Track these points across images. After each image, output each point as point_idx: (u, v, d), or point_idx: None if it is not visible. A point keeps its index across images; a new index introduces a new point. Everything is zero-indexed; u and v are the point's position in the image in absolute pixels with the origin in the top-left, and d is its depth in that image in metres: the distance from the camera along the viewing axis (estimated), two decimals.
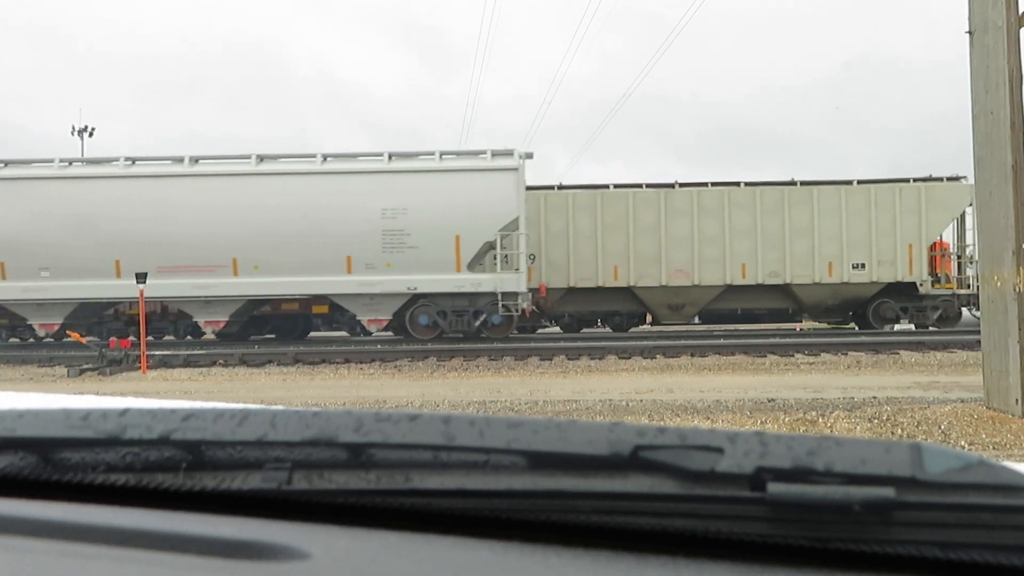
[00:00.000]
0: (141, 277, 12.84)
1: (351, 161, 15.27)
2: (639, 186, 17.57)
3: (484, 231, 14.85)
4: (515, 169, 14.90)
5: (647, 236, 17.18)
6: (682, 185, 17.49)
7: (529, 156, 15.81)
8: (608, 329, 19.43)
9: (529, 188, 17.40)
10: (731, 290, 17.45)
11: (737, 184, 17.45)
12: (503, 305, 14.98)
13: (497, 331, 15.55)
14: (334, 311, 16.43)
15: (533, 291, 16.35)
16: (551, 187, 17.78)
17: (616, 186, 17.63)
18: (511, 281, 14.87)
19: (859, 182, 17.44)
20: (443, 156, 15.27)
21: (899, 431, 6.30)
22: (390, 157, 15.16)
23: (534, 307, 16.63)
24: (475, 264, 15.12)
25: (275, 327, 17.59)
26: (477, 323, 15.33)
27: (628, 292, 17.51)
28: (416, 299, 15.31)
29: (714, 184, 17.53)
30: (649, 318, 20.05)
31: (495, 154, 15.17)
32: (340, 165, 15.15)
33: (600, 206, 17.24)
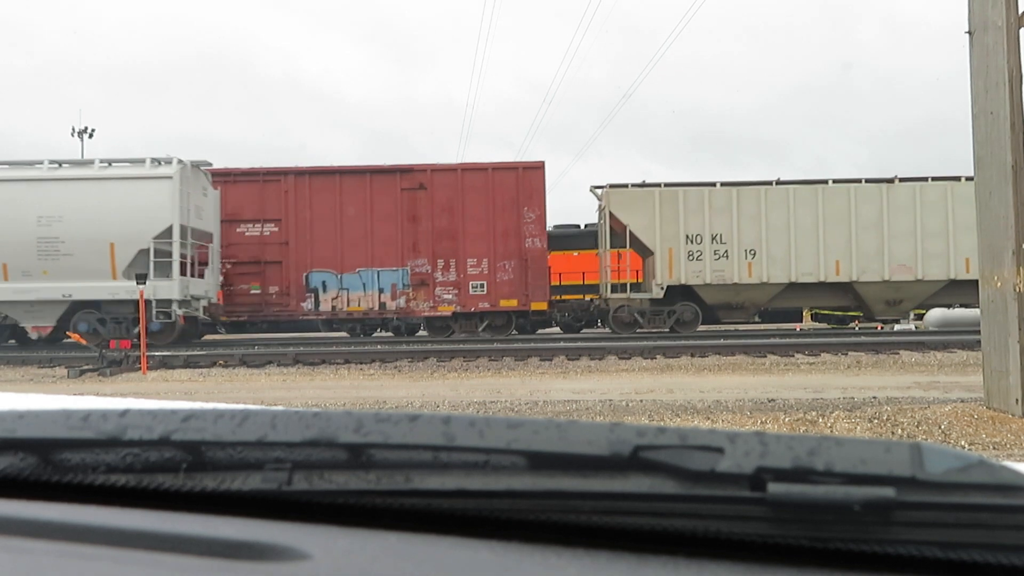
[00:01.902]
0: (141, 278, 12.86)
1: (12, 169, 15.46)
2: (858, 181, 17.69)
3: (138, 239, 14.98)
4: (170, 177, 14.99)
5: (869, 231, 17.29)
6: (902, 180, 17.64)
7: (208, 163, 16.09)
8: (607, 330, 19.42)
9: (747, 183, 17.66)
10: (952, 285, 17.54)
11: (958, 179, 17.51)
12: (159, 312, 15.12)
13: (159, 338, 15.71)
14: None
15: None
16: (769, 182, 17.81)
17: (835, 181, 17.73)
18: (165, 288, 14.94)
19: None
20: (112, 164, 15.45)
21: (899, 431, 6.30)
22: (60, 165, 15.40)
23: (207, 315, 16.48)
24: (133, 271, 15.18)
25: None
26: (136, 330, 15.42)
27: (845, 287, 17.65)
28: (83, 305, 15.48)
29: (935, 179, 17.68)
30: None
31: (154, 162, 15.32)
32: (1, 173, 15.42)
33: (821, 201, 17.34)
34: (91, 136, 36.37)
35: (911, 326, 18.98)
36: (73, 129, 36.22)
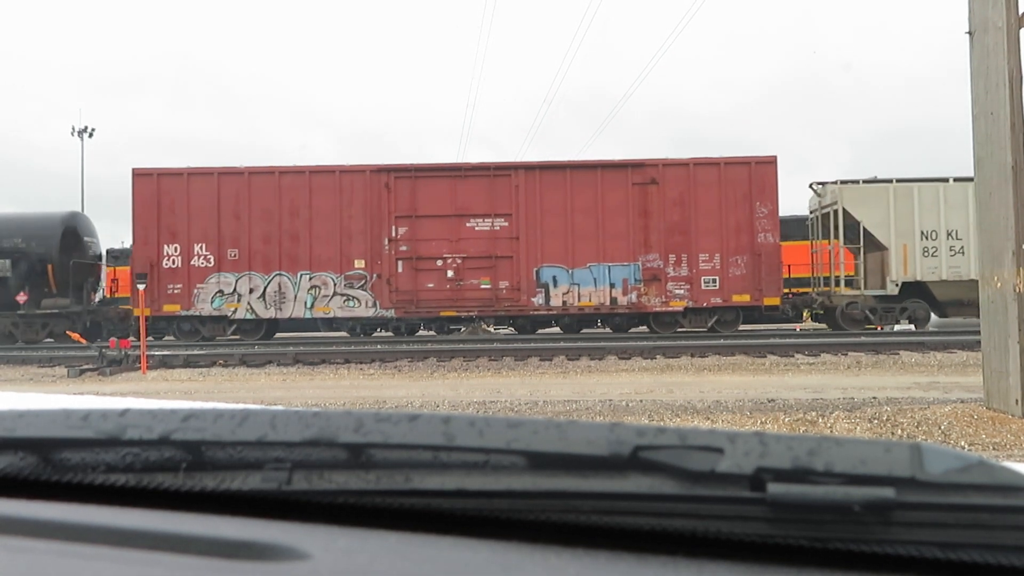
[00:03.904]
0: (141, 278, 12.87)
1: None
2: None
3: None
4: None
5: None
6: None
7: None
8: (608, 329, 19.40)
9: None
10: None
11: None
12: None
13: None
14: None
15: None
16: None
17: None
18: None
19: None
20: None
21: (899, 431, 6.30)
22: None
23: None
24: None
25: None
26: None
27: None
28: None
29: None
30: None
31: None
32: None
33: None
34: (91, 136, 36.44)
35: (911, 326, 18.96)
36: (73, 129, 36.32)
